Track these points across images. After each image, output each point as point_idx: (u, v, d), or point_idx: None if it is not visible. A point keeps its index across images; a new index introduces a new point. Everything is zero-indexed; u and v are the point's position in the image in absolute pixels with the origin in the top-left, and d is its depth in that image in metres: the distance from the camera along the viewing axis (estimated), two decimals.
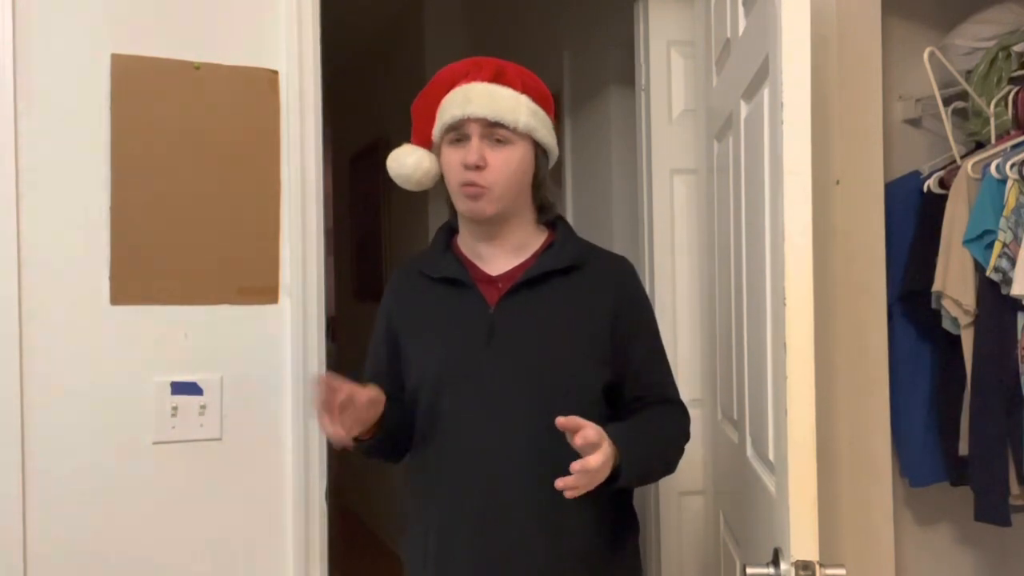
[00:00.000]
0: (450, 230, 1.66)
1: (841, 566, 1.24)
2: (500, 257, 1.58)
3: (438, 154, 1.57)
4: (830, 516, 1.95)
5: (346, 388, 1.41)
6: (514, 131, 1.50)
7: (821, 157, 1.95)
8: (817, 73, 1.62)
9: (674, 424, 1.61)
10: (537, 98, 1.55)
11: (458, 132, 1.51)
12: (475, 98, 1.50)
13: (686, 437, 1.62)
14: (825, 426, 1.82)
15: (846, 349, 2.04)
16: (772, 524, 1.40)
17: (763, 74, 1.47)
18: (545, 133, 1.56)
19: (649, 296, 1.91)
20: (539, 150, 1.56)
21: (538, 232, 1.62)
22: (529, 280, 1.54)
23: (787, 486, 1.25)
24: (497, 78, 1.53)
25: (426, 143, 1.59)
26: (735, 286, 1.79)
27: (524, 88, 1.54)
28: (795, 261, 1.26)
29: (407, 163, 1.57)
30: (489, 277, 1.57)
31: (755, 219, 1.57)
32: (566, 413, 1.42)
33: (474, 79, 1.53)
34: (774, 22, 1.31)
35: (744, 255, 1.70)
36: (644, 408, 1.58)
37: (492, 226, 1.56)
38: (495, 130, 1.50)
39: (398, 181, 1.59)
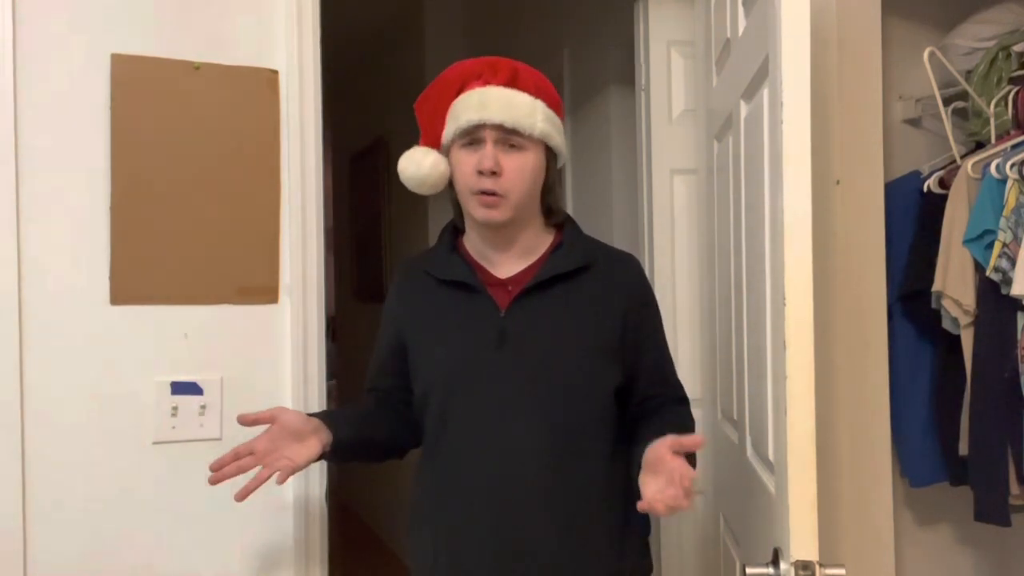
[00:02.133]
0: (454, 230, 1.64)
1: (841, 566, 1.24)
2: (508, 260, 1.57)
3: (446, 155, 1.55)
4: (830, 516, 1.95)
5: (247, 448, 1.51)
6: (529, 137, 1.49)
7: (821, 157, 1.95)
8: (817, 73, 1.62)
9: (692, 426, 1.62)
10: (550, 102, 1.54)
11: (471, 136, 1.49)
12: (492, 103, 1.48)
13: None
14: (825, 426, 1.83)
15: (846, 349, 2.04)
16: (772, 524, 1.40)
17: (763, 74, 1.47)
18: (559, 139, 1.55)
19: None
20: (549, 154, 1.55)
21: (546, 233, 1.60)
22: (539, 283, 1.54)
23: (787, 486, 1.25)
24: (512, 82, 1.51)
25: (434, 144, 1.56)
26: (735, 286, 1.79)
27: (538, 92, 1.52)
28: (795, 261, 1.26)
29: (424, 164, 1.53)
30: (498, 280, 1.56)
31: (755, 219, 1.56)
32: (578, 415, 1.48)
33: (488, 82, 1.51)
34: (774, 22, 1.31)
35: (744, 255, 1.70)
36: (663, 409, 1.58)
37: (503, 231, 1.54)
38: (510, 136, 1.48)
39: (410, 184, 1.56)
